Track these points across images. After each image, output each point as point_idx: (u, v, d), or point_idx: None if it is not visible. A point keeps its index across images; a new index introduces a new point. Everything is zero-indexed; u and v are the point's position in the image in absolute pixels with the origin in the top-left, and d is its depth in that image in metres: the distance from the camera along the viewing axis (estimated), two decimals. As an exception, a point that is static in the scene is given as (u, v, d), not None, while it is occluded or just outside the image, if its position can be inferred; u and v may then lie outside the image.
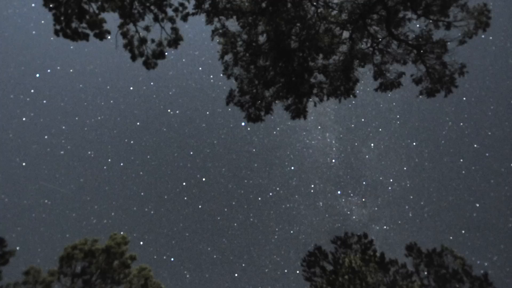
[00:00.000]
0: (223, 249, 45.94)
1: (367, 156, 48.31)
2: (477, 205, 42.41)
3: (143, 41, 10.97)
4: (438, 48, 11.10)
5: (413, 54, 11.59)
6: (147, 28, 11.01)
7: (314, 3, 11.13)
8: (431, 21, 10.92)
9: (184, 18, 11.41)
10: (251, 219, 48.31)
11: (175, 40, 11.39)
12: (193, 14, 11.02)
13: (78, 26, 9.77)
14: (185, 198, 49.26)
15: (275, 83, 11.97)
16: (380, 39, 11.65)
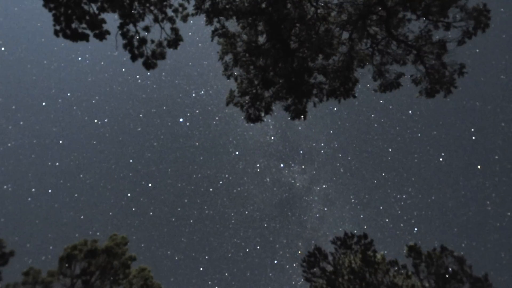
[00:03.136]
0: (184, 249, 45.42)
1: (299, 128, 53.54)
2: (390, 150, 50.80)
3: (143, 41, 10.97)
4: (437, 49, 11.10)
5: (412, 55, 11.58)
6: (147, 29, 11.02)
7: (314, 4, 11.14)
8: (430, 21, 10.92)
9: (184, 19, 11.43)
10: (206, 211, 48.84)
11: (175, 41, 11.40)
12: (193, 14, 11.05)
13: (78, 27, 9.76)
14: (133, 209, 45.95)
15: (275, 83, 11.97)
16: (380, 40, 11.65)
